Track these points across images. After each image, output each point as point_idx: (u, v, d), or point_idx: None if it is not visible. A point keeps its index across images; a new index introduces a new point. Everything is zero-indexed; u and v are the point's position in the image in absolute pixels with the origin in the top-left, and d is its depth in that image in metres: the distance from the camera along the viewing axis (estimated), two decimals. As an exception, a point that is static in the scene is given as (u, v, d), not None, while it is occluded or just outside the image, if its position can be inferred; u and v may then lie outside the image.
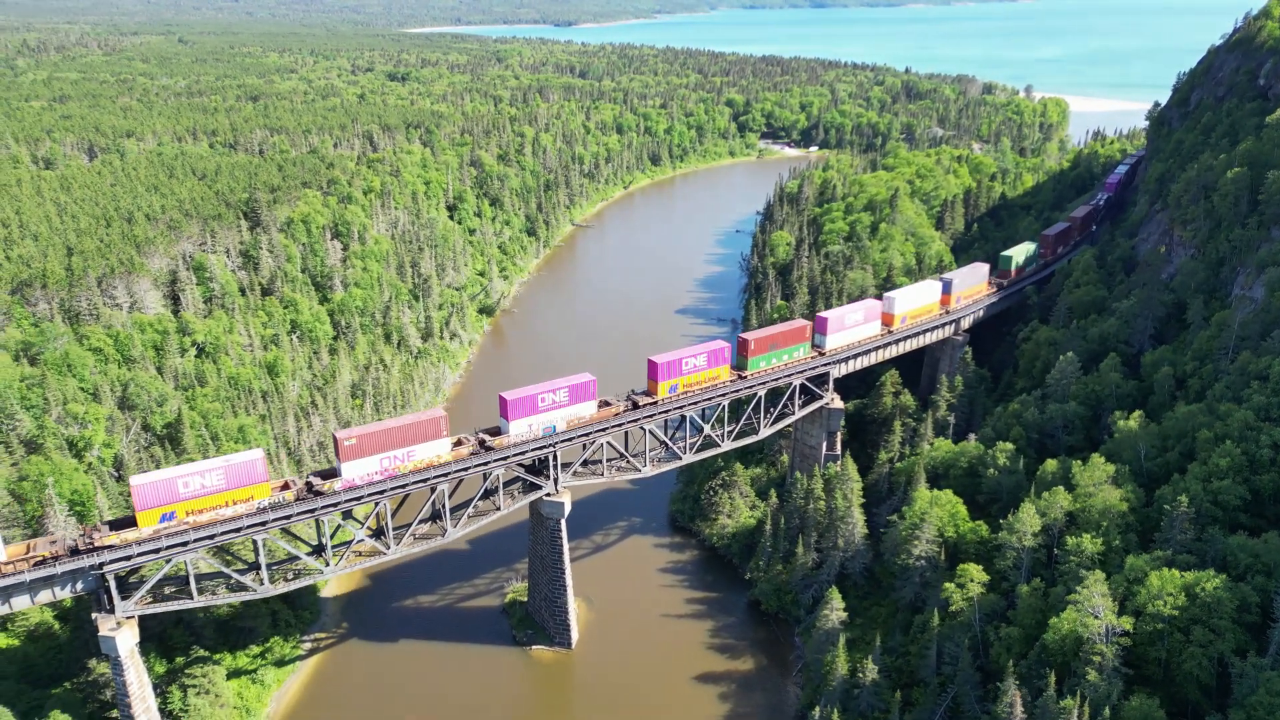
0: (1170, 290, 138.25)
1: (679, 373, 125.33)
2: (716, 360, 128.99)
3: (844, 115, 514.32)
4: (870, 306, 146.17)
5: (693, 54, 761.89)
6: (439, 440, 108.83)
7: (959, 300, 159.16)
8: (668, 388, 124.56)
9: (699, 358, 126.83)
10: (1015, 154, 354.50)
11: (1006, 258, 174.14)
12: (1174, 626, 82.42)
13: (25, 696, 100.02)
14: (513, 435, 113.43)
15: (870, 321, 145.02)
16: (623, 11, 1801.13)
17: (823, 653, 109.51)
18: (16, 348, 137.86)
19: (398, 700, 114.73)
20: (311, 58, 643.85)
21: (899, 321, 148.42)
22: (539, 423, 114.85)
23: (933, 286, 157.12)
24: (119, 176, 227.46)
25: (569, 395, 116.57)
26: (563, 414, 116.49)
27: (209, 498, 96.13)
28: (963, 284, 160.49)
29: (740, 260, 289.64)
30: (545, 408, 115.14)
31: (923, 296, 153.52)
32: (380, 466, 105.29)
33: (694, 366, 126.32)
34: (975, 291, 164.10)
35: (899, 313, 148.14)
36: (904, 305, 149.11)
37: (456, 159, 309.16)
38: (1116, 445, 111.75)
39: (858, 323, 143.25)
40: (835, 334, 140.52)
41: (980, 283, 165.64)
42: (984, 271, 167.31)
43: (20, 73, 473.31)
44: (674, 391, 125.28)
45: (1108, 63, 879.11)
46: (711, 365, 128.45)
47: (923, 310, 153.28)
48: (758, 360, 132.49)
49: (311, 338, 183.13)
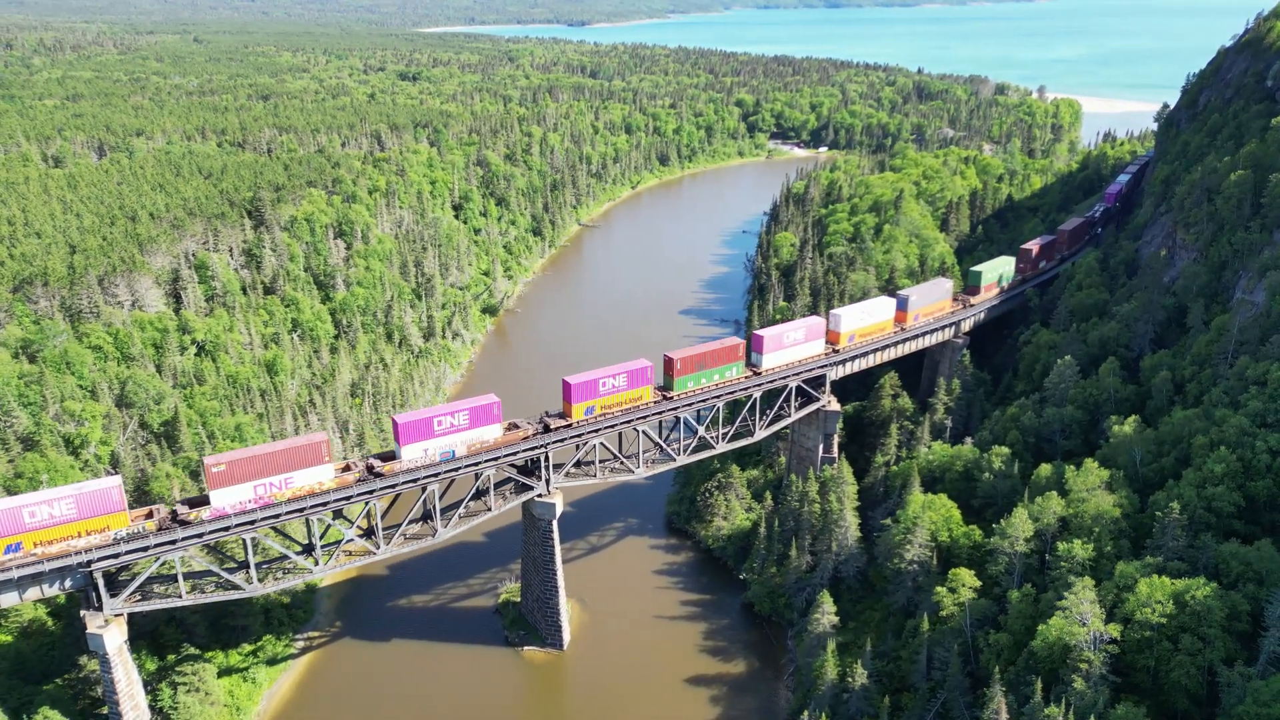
0: (1172, 294, 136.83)
1: (595, 394, 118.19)
2: (638, 380, 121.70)
3: (854, 116, 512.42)
4: (812, 324, 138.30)
5: (704, 54, 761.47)
6: (320, 466, 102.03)
7: (916, 318, 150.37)
8: (583, 409, 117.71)
9: (618, 378, 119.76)
10: (1024, 155, 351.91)
11: (976, 274, 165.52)
12: (1163, 634, 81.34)
13: (17, 692, 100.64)
14: (405, 461, 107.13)
15: (813, 340, 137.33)
16: (636, 11, 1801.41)
17: (814, 656, 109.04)
18: (16, 345, 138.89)
19: (389, 700, 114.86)
20: (324, 57, 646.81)
21: (845, 340, 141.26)
22: (435, 447, 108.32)
23: (885, 304, 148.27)
24: (126, 175, 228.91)
25: (469, 418, 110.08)
26: (463, 438, 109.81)
27: (59, 528, 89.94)
28: (921, 301, 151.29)
29: (745, 261, 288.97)
30: (442, 431, 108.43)
31: (873, 314, 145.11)
32: (254, 494, 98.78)
33: (612, 387, 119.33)
34: (936, 309, 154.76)
35: (846, 331, 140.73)
36: (851, 323, 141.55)
37: (463, 158, 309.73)
38: (1112, 450, 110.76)
39: (797, 341, 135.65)
40: (773, 353, 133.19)
41: (942, 299, 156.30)
42: (946, 288, 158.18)
43: (35, 71, 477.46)
44: (590, 414, 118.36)
45: (1123, 63, 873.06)
46: (633, 386, 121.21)
47: (874, 329, 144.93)
48: (685, 380, 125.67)
49: (312, 336, 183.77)
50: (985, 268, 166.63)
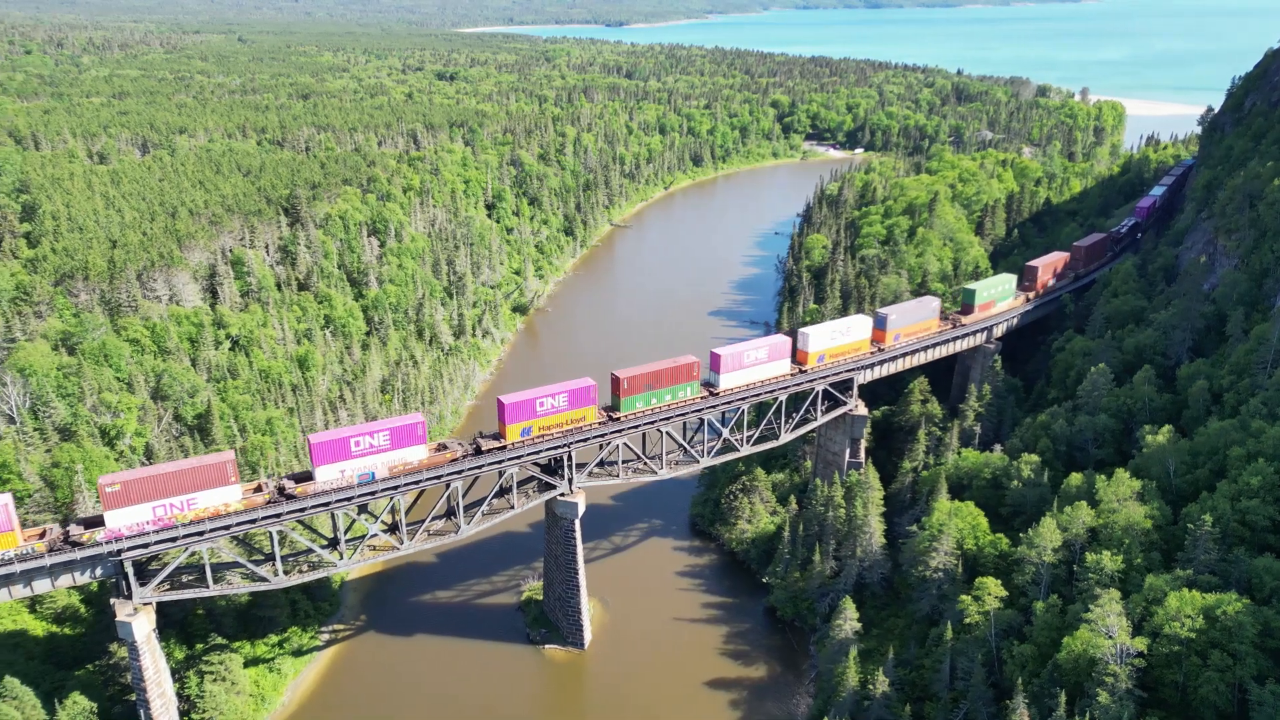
0: (1211, 301, 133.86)
1: (531, 414, 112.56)
2: (580, 400, 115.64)
3: (891, 117, 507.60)
4: (776, 343, 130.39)
5: (740, 54, 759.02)
6: (227, 487, 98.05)
7: (897, 339, 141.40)
8: (519, 430, 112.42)
9: (558, 397, 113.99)
10: (1064, 158, 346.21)
11: (969, 291, 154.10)
12: (1192, 650, 79.76)
13: (49, 677, 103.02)
14: (320, 482, 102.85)
15: (776, 360, 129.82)
16: (674, 12, 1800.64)
17: (835, 662, 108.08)
18: (56, 337, 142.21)
19: (412, 693, 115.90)
20: (364, 57, 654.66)
21: (814, 360, 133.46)
22: (353, 468, 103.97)
23: (861, 323, 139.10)
24: (167, 172, 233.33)
25: (390, 439, 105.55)
26: (384, 459, 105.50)
27: None
28: (902, 320, 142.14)
29: (777, 262, 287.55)
30: (360, 452, 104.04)
31: (847, 334, 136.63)
32: (153, 516, 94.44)
33: (551, 407, 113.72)
34: (920, 329, 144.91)
35: (814, 351, 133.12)
36: (820, 343, 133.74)
37: (497, 158, 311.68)
38: (1145, 460, 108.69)
39: (759, 361, 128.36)
40: (731, 373, 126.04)
41: (928, 319, 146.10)
42: (932, 307, 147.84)
43: (84, 70, 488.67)
44: (526, 435, 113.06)
45: (1167, 65, 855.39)
46: (574, 406, 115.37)
47: (847, 349, 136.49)
48: (632, 401, 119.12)
49: (344, 333, 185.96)
50: (981, 286, 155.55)
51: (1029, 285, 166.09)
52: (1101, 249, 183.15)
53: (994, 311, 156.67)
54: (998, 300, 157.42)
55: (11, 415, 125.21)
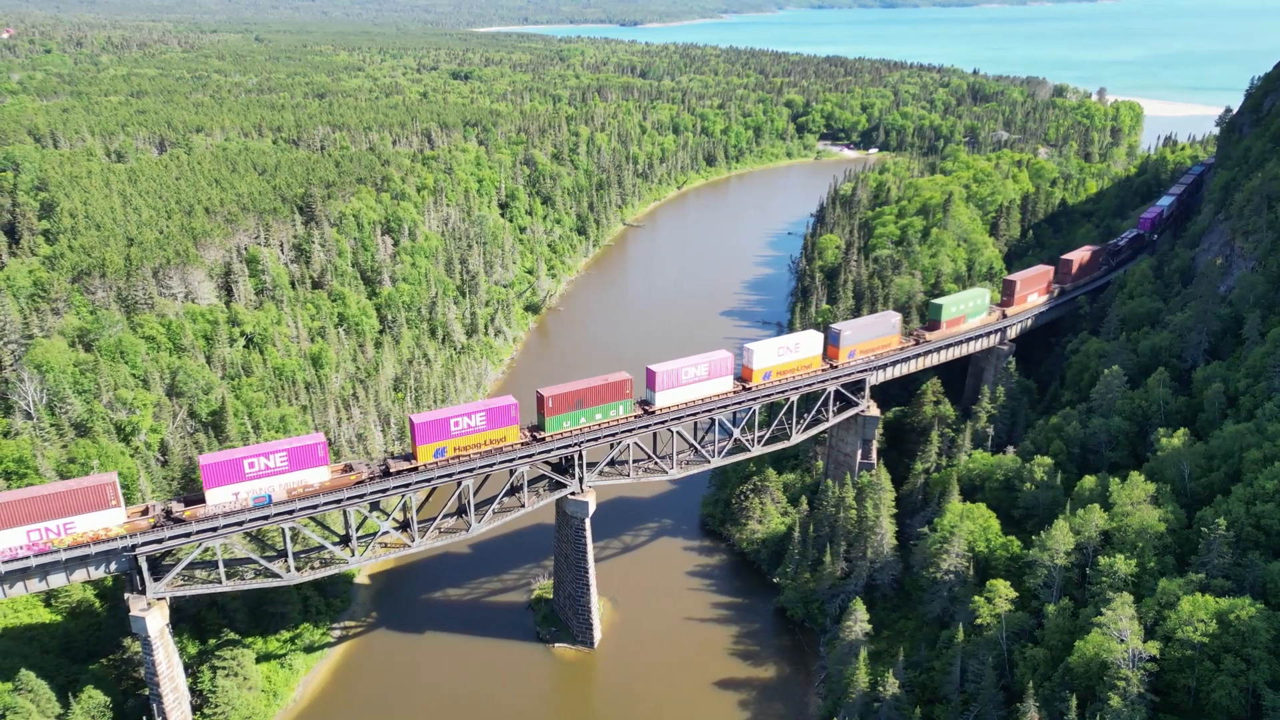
0: (1227, 303, 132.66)
1: (445, 434, 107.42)
2: (500, 420, 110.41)
3: (906, 117, 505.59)
4: (717, 360, 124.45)
5: (755, 54, 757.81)
6: (107, 510, 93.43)
7: (851, 355, 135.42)
8: (432, 451, 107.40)
9: (474, 416, 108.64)
10: (1080, 159, 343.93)
11: (936, 306, 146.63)
12: (1204, 654, 79.06)
13: (64, 670, 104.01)
14: (211, 506, 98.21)
15: (718, 377, 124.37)
16: (689, 11, 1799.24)
17: (845, 664, 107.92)
18: (73, 334, 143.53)
19: (422, 690, 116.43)
20: (379, 56, 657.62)
21: (760, 378, 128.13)
22: (248, 490, 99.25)
23: (812, 338, 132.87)
24: (184, 170, 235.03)
25: (289, 459, 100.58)
26: (281, 481, 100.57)
27: None
28: (857, 336, 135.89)
29: (789, 263, 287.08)
30: (255, 474, 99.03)
31: (795, 350, 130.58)
32: (28, 540, 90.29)
33: (467, 427, 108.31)
34: (877, 345, 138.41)
35: (760, 368, 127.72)
36: (766, 359, 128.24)
37: (510, 157, 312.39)
38: (1159, 463, 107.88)
39: (699, 378, 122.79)
40: (667, 391, 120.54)
41: (888, 335, 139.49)
42: (892, 322, 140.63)
43: (103, 68, 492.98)
44: (440, 456, 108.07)
45: (1186, 65, 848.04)
46: (494, 425, 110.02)
47: (796, 365, 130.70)
48: (559, 420, 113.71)
49: (358, 331, 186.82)
50: (948, 301, 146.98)
51: (1007, 300, 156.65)
52: (1094, 263, 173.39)
53: (964, 328, 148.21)
54: (969, 316, 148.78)
55: (29, 411, 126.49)
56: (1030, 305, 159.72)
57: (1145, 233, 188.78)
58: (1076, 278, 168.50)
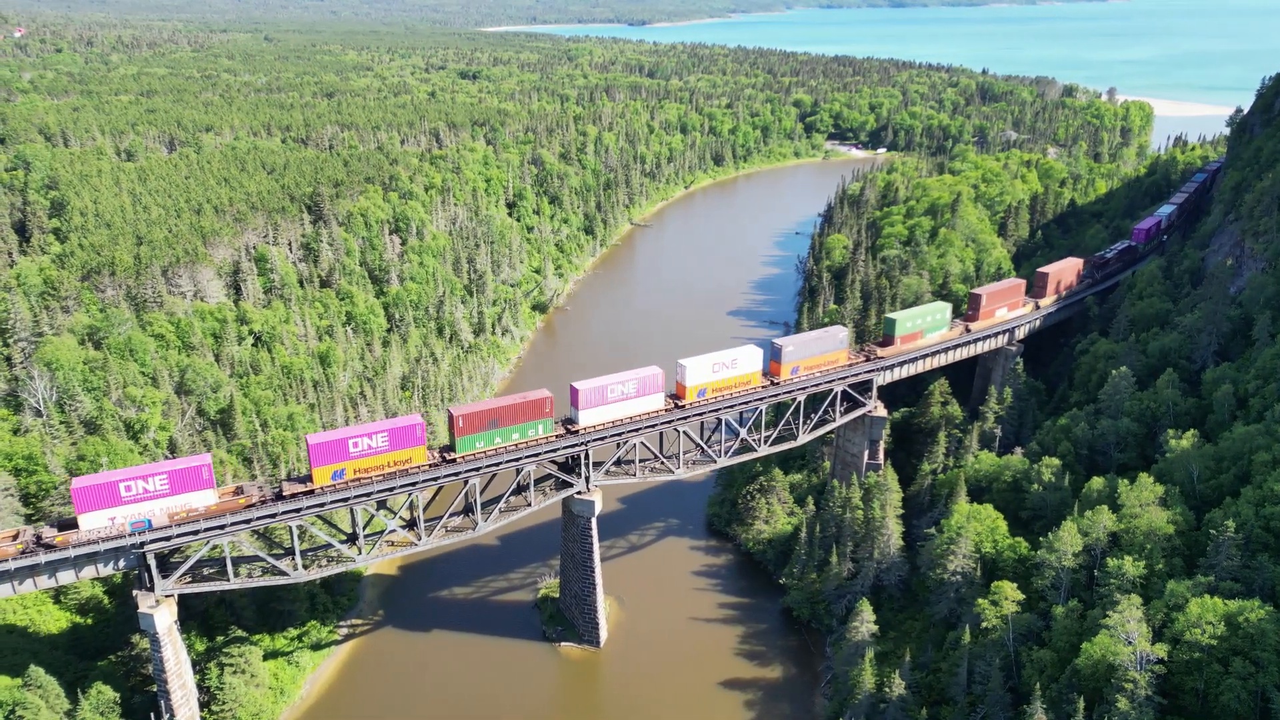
0: (1237, 305, 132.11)
1: (344, 455, 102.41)
2: (405, 440, 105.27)
3: (914, 117, 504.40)
4: (647, 377, 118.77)
5: (763, 54, 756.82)
6: None
7: (795, 372, 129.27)
8: (329, 473, 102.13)
9: (375, 437, 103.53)
10: (1089, 159, 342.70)
11: (890, 321, 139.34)
12: (1213, 656, 78.80)
13: (72, 667, 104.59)
14: (84, 531, 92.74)
15: (648, 395, 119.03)
16: (697, 11, 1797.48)
17: (851, 665, 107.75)
18: (83, 332, 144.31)
19: (429, 688, 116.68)
20: (388, 55, 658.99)
21: (694, 396, 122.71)
22: (125, 515, 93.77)
23: (751, 354, 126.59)
24: (193, 169, 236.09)
25: (169, 482, 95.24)
26: (162, 505, 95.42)
27: None
28: (802, 352, 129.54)
29: (797, 263, 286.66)
30: (133, 497, 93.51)
31: (732, 366, 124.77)
32: None
33: (368, 448, 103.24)
34: (823, 362, 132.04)
35: (694, 385, 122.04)
36: (700, 376, 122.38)
37: (518, 157, 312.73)
38: (1168, 465, 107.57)
39: (626, 396, 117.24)
40: (592, 409, 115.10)
41: (835, 351, 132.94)
42: (840, 338, 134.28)
43: (113, 68, 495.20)
44: (338, 478, 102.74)
45: (1196, 65, 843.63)
46: (397, 446, 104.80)
47: (733, 383, 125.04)
48: (471, 440, 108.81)
49: (365, 330, 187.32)
50: (904, 316, 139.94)
51: (972, 314, 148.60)
52: (1076, 275, 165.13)
53: (920, 344, 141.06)
54: (927, 331, 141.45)
55: (39, 408, 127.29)
56: (998, 320, 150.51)
57: (1139, 244, 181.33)
58: (1056, 290, 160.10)
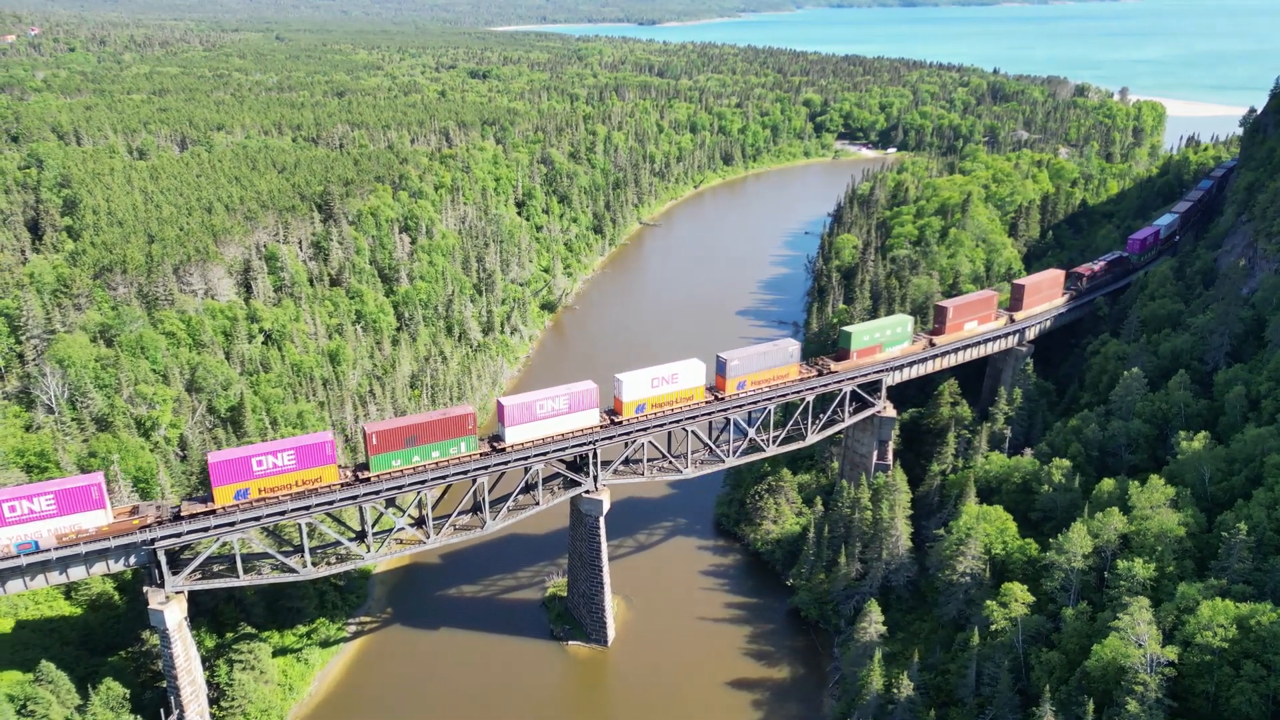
0: (1250, 306, 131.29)
1: (248, 474, 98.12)
2: (313, 458, 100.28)
3: (925, 117, 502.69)
4: (580, 392, 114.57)
5: (773, 53, 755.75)
6: None
7: (741, 386, 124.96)
8: (232, 493, 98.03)
9: (282, 455, 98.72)
10: (1101, 159, 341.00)
11: (846, 334, 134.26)
12: (1224, 659, 78.33)
13: (83, 662, 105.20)
14: None
15: (581, 410, 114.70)
16: (707, 10, 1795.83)
17: (859, 666, 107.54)
18: (95, 329, 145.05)
19: (437, 685, 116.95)
20: (398, 55, 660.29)
21: (632, 411, 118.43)
22: (9, 537, 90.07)
23: (693, 368, 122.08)
24: (204, 168, 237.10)
25: (56, 504, 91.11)
26: (50, 525, 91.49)
27: None
28: (749, 366, 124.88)
29: (806, 262, 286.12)
30: (18, 518, 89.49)
31: (673, 381, 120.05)
32: None
33: (274, 466, 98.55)
34: (773, 376, 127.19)
35: (631, 400, 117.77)
36: (638, 391, 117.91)
37: (528, 156, 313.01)
38: (1180, 467, 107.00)
39: (558, 412, 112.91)
40: (519, 426, 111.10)
41: (785, 365, 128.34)
42: (790, 352, 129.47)
43: (126, 67, 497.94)
44: (242, 498, 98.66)
45: (1209, 65, 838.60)
46: (305, 465, 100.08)
47: (674, 397, 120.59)
48: (387, 459, 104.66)
49: (375, 328, 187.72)
50: (860, 329, 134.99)
51: (938, 328, 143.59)
52: (1056, 289, 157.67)
53: (878, 359, 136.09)
54: (886, 345, 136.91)
55: (50, 405, 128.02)
56: (966, 335, 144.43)
57: (1133, 255, 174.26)
58: (1032, 303, 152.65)
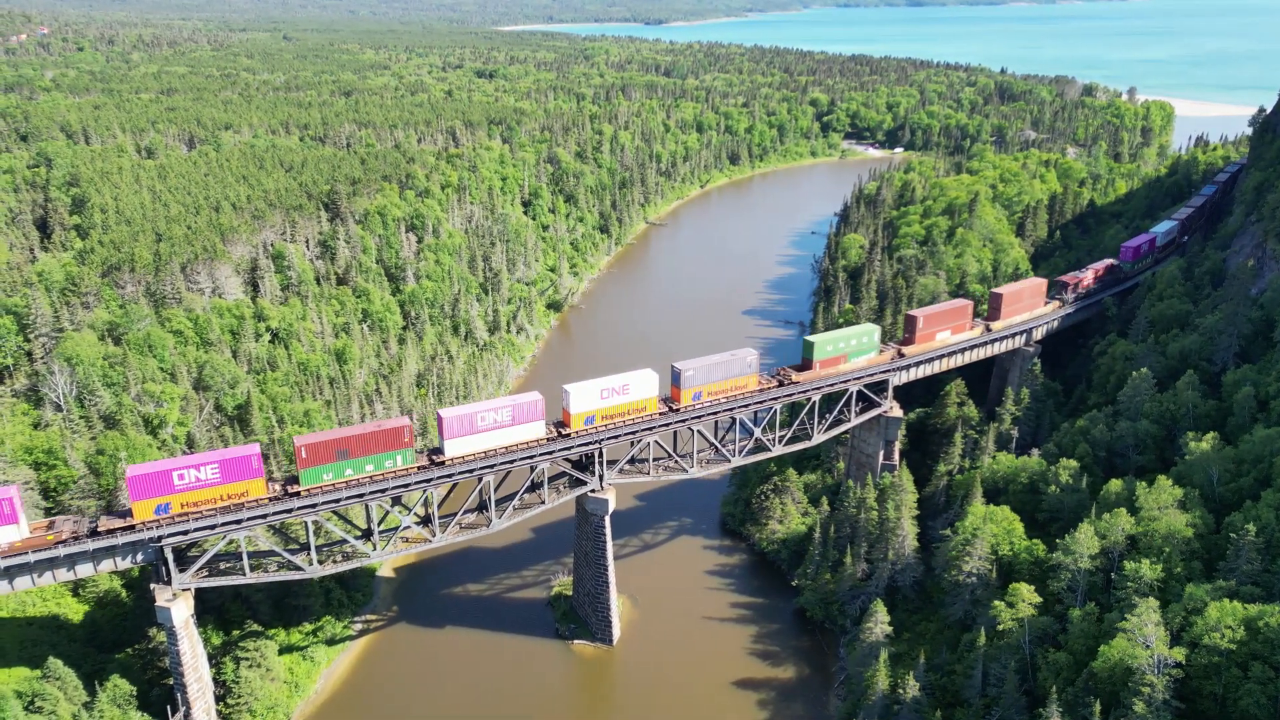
0: (1259, 306, 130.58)
1: (168, 489, 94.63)
2: (239, 472, 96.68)
3: (932, 116, 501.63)
4: (525, 404, 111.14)
5: (780, 53, 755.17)
6: None
7: (697, 397, 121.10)
8: (152, 508, 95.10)
9: (204, 469, 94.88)
10: (1109, 159, 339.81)
11: (809, 344, 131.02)
12: (1232, 661, 77.98)
13: (91, 659, 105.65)
14: None
15: (525, 423, 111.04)
16: (714, 10, 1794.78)
17: (865, 666, 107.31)
18: (103, 327, 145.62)
19: (442, 683, 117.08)
20: (405, 54, 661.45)
21: (581, 423, 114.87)
22: None
23: (646, 379, 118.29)
24: (212, 167, 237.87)
25: None
26: None
27: None
28: (705, 377, 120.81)
29: (812, 262, 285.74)
30: None
31: (624, 392, 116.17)
32: None
33: (196, 480, 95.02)
34: (730, 387, 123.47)
35: (580, 412, 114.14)
36: (586, 403, 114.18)
37: (534, 155, 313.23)
38: (1187, 468, 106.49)
39: (500, 424, 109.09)
40: (459, 439, 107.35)
41: (743, 375, 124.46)
42: (751, 361, 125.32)
43: (134, 66, 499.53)
44: (163, 513, 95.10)
45: (1218, 65, 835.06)
46: (230, 479, 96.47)
47: (626, 409, 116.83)
48: (318, 472, 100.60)
49: (381, 327, 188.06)
50: (823, 339, 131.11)
51: (908, 338, 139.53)
52: (1037, 298, 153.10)
53: (843, 369, 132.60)
54: (851, 356, 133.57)
55: (59, 403, 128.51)
56: (938, 345, 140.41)
57: (1125, 263, 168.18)
58: (1009, 314, 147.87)
